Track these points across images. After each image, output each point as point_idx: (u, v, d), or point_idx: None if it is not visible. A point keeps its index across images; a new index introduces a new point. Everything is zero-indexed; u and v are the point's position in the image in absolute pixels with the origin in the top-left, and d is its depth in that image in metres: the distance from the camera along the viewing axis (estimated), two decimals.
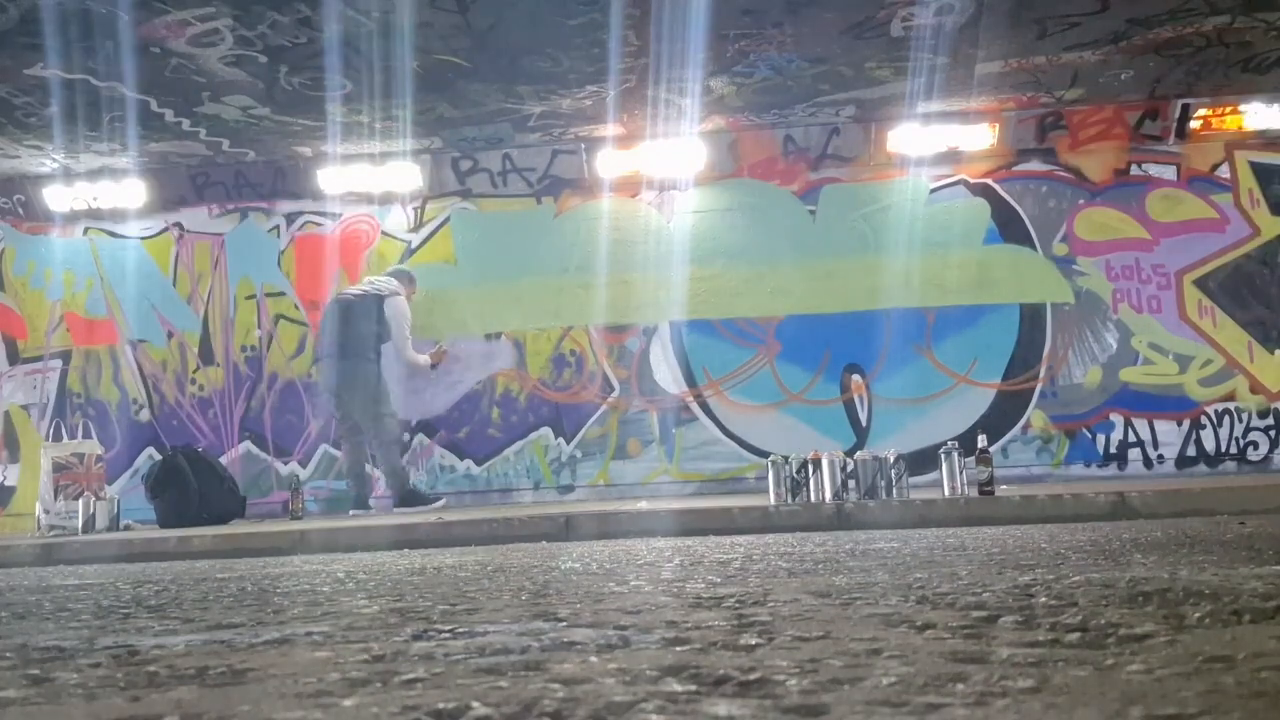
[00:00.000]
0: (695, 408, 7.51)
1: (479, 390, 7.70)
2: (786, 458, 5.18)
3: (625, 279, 7.59)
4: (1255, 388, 7.18)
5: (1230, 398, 7.18)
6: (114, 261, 8.08)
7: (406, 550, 4.53)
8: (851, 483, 5.07)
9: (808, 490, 5.10)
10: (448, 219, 7.88)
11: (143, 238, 8.08)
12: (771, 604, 1.84)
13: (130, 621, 2.07)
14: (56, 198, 7.88)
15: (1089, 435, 7.25)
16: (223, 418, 7.86)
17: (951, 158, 7.49)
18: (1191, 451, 7.16)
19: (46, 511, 6.27)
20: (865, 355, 7.43)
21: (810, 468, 5.12)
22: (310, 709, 1.09)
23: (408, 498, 6.77)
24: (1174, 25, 5.99)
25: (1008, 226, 7.47)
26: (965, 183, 7.54)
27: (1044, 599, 1.73)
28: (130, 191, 7.85)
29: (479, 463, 7.63)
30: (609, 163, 7.58)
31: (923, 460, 6.26)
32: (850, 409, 7.42)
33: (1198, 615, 1.46)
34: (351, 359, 6.82)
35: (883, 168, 7.56)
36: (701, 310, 7.57)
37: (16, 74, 5.93)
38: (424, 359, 7.05)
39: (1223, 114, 7.23)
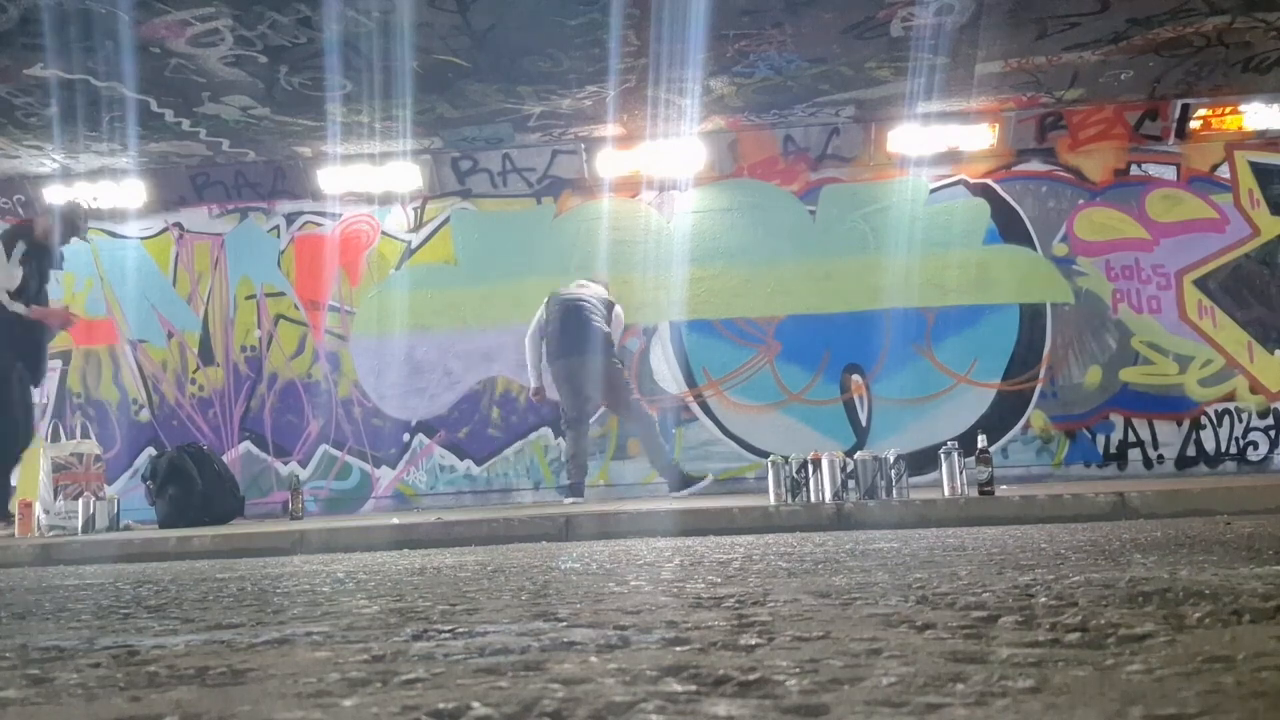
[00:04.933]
0: (695, 408, 7.51)
1: (479, 390, 7.70)
2: (786, 458, 5.18)
3: (625, 279, 7.59)
4: (1255, 388, 7.18)
5: (1230, 398, 7.18)
6: (114, 261, 8.08)
7: (406, 550, 4.53)
8: (851, 483, 5.07)
9: (808, 490, 5.10)
10: (448, 219, 7.89)
11: (143, 238, 8.09)
12: (771, 604, 1.84)
13: (130, 621, 2.07)
14: (56, 198, 7.87)
15: (1089, 435, 7.25)
16: (223, 418, 7.86)
17: (951, 158, 7.49)
18: (1191, 451, 7.16)
19: (46, 512, 6.27)
20: (865, 355, 7.43)
21: (810, 468, 5.11)
22: (310, 709, 1.09)
23: (679, 483, 6.81)
24: (1174, 25, 5.99)
25: (1008, 226, 7.47)
26: (965, 183, 7.54)
27: (1044, 599, 1.73)
28: (130, 191, 7.85)
29: (479, 463, 7.63)
30: (609, 163, 7.58)
31: (923, 460, 6.26)
32: (850, 409, 7.42)
33: (1198, 615, 1.46)
34: (588, 351, 6.78)
35: (883, 168, 7.56)
36: (701, 310, 7.57)
37: (16, 74, 5.93)
38: None
39: (1223, 114, 7.23)
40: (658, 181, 7.70)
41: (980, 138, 7.41)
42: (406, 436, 7.70)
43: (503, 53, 5.98)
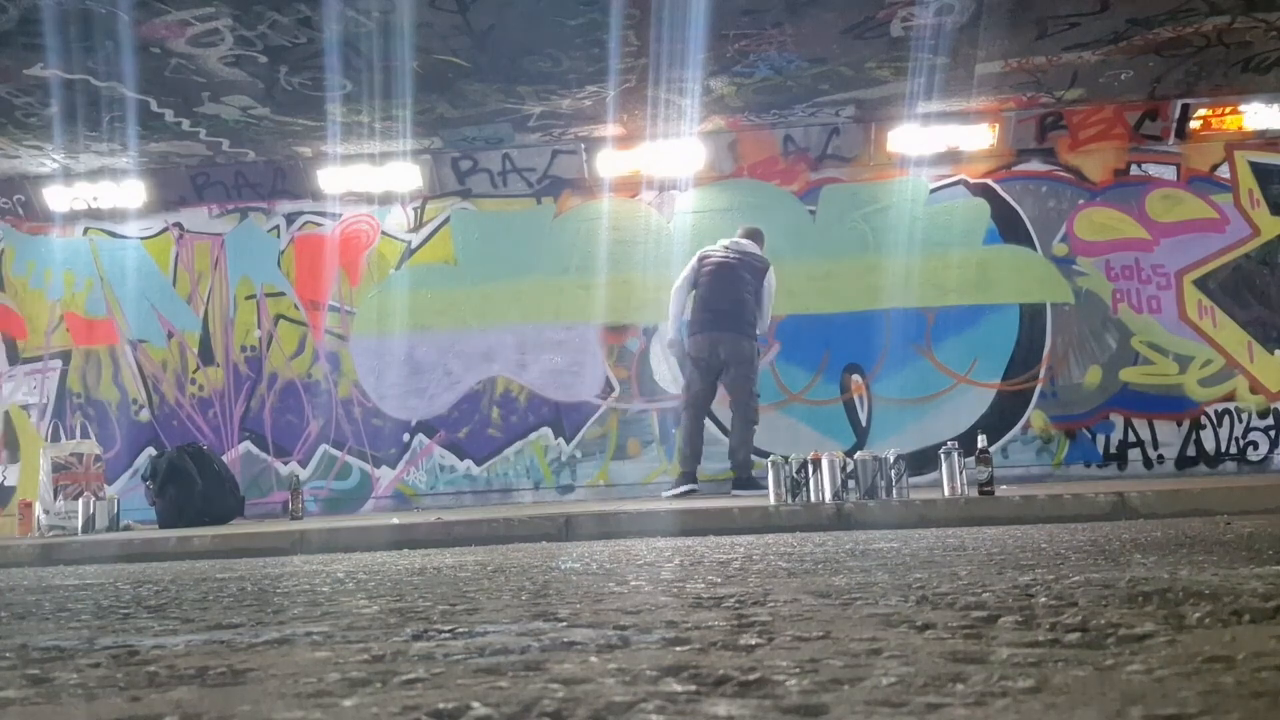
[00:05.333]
0: None
1: (479, 390, 7.70)
2: (786, 458, 5.17)
3: (625, 279, 7.59)
4: (1255, 388, 7.18)
5: (1230, 398, 7.18)
6: (114, 261, 8.08)
7: (406, 550, 4.53)
8: (851, 483, 5.07)
9: (808, 490, 5.09)
10: (448, 219, 7.89)
11: (143, 238, 8.09)
12: (771, 604, 1.84)
13: (130, 621, 2.07)
14: (56, 198, 7.89)
15: (1089, 435, 7.25)
16: (223, 418, 7.86)
17: (951, 158, 7.49)
18: (1191, 451, 7.16)
19: (46, 511, 6.27)
20: (865, 355, 7.43)
21: (810, 468, 5.11)
22: (310, 709, 1.09)
23: (745, 482, 6.38)
24: (1174, 25, 5.99)
25: (1008, 226, 7.47)
26: (965, 183, 7.54)
27: (1044, 599, 1.73)
28: (130, 191, 7.85)
29: (479, 463, 7.63)
30: (609, 163, 7.58)
31: (923, 460, 6.26)
32: (850, 409, 7.42)
33: (1198, 615, 1.46)
34: (735, 329, 6.40)
35: (883, 168, 7.56)
36: None
37: (16, 74, 5.93)
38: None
39: (1223, 114, 7.23)
40: (658, 181, 7.70)
41: (980, 138, 7.41)
42: (406, 436, 7.69)
43: (503, 53, 5.98)
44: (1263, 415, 7.16)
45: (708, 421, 6.98)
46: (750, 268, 6.55)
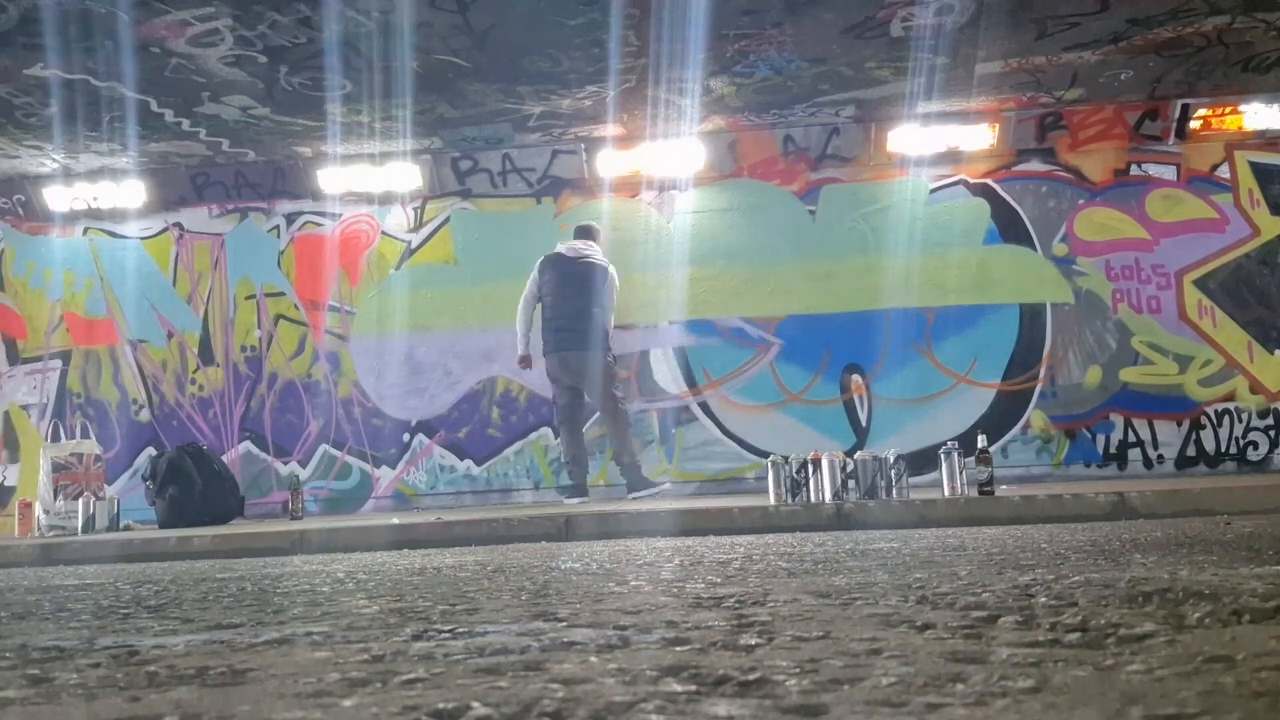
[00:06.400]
0: (695, 408, 7.51)
1: (479, 390, 7.70)
2: (786, 458, 5.18)
3: (625, 279, 7.58)
4: (1255, 388, 7.18)
5: (1230, 398, 7.18)
6: (114, 261, 8.08)
7: (406, 550, 4.53)
8: (851, 483, 5.07)
9: (808, 490, 5.10)
10: (448, 219, 7.88)
11: (142, 238, 8.09)
12: (771, 604, 1.84)
13: (130, 621, 2.07)
14: (56, 198, 7.88)
15: (1089, 435, 7.25)
16: (223, 418, 7.86)
17: (951, 158, 7.49)
18: (1191, 451, 7.16)
19: (46, 511, 6.27)
20: (865, 355, 7.43)
21: (810, 468, 5.11)
22: (310, 709, 1.09)
23: (638, 484, 6.52)
24: (1174, 25, 5.99)
25: (1008, 226, 7.47)
26: (965, 183, 7.54)
27: (1044, 599, 1.73)
28: (130, 191, 7.85)
29: (479, 463, 7.63)
30: (609, 163, 7.58)
31: (923, 460, 6.26)
32: (850, 409, 7.42)
33: (1198, 615, 1.46)
34: (580, 345, 6.53)
35: (883, 168, 7.56)
36: (701, 310, 7.57)
37: (16, 74, 5.93)
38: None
39: (1223, 114, 7.23)
40: (658, 181, 7.70)
41: (980, 138, 7.41)
42: (406, 436, 7.69)
43: (503, 53, 5.98)
44: (1263, 415, 7.16)
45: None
46: (593, 272, 6.68)
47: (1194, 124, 7.25)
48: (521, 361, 6.80)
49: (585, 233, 6.97)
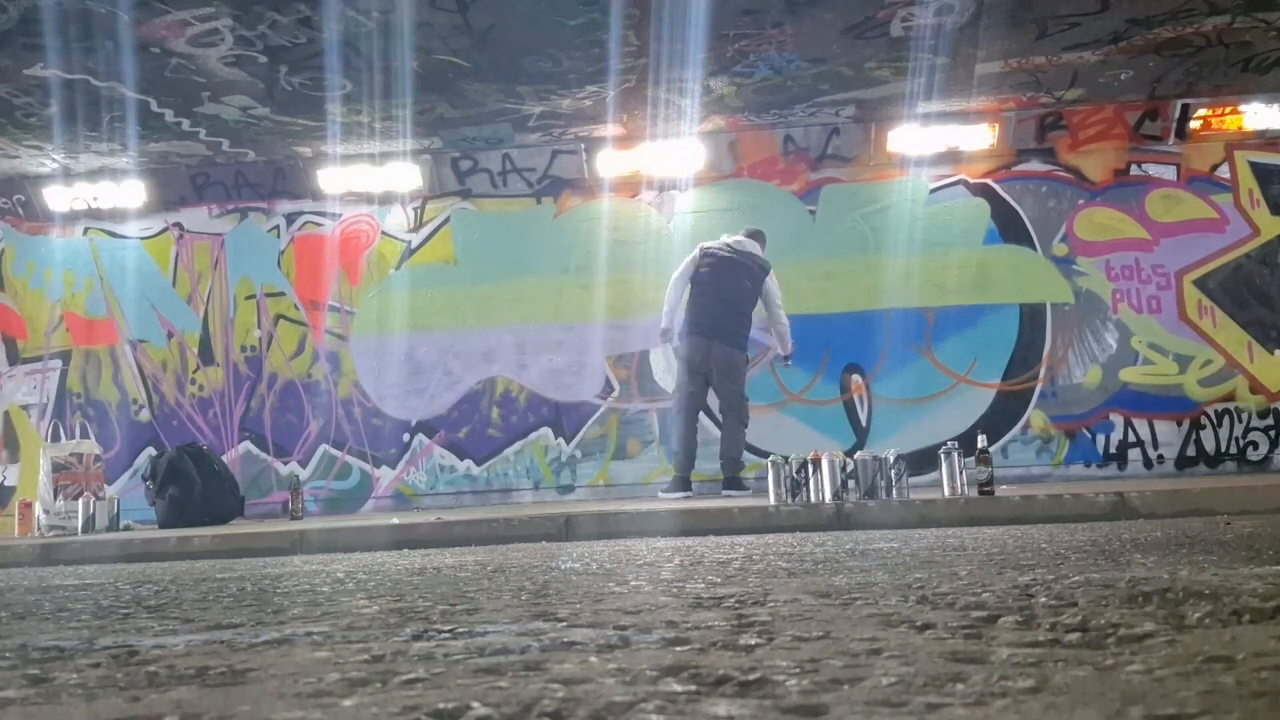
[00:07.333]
0: None
1: (479, 390, 7.70)
2: (786, 458, 5.18)
3: (625, 279, 7.59)
4: (1255, 388, 7.18)
5: (1230, 398, 7.18)
6: (114, 261, 8.08)
7: (406, 550, 4.53)
8: (851, 483, 5.07)
9: (808, 490, 5.09)
10: (448, 219, 7.89)
11: (142, 238, 8.09)
12: (771, 604, 1.84)
13: (130, 621, 2.07)
14: (56, 198, 7.89)
15: (1089, 435, 7.25)
16: (223, 418, 7.86)
17: (951, 158, 7.49)
18: (1191, 451, 7.16)
19: (46, 511, 6.27)
20: (865, 355, 7.43)
21: (810, 468, 5.11)
22: (310, 709, 1.09)
23: (736, 483, 6.41)
24: (1174, 25, 5.99)
25: (1008, 226, 7.47)
26: (965, 183, 7.54)
27: (1044, 599, 1.73)
28: (130, 191, 7.85)
29: (479, 463, 7.63)
30: (609, 163, 7.58)
31: (923, 460, 6.26)
32: (850, 409, 7.42)
33: (1198, 615, 1.46)
34: (728, 339, 6.43)
35: (883, 168, 7.56)
36: None
37: (16, 74, 5.93)
38: None
39: (1223, 114, 7.23)
40: (657, 181, 7.70)
41: (980, 138, 7.41)
42: (406, 436, 7.69)
43: (503, 53, 5.98)
44: (1263, 415, 7.16)
45: (707, 420, 6.99)
46: (750, 272, 6.55)
47: (1194, 124, 7.25)
48: (664, 334, 6.68)
49: (755, 235, 6.80)
